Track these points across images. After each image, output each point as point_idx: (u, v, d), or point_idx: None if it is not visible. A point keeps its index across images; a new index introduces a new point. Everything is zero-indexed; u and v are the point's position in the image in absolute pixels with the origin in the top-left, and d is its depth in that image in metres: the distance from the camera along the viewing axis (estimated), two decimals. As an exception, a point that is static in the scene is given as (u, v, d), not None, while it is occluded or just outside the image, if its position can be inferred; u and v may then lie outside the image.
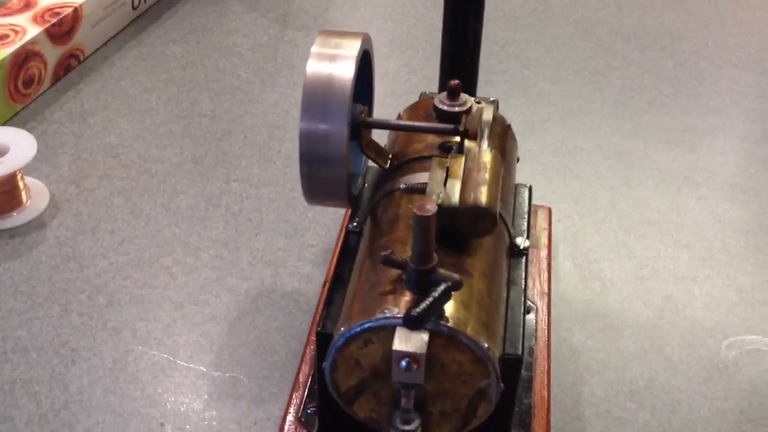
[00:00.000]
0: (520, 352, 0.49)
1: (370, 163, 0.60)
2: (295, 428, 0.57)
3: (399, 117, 0.63)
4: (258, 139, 0.88)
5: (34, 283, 0.71)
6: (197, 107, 0.92)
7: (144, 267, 0.73)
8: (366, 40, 0.56)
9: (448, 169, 0.51)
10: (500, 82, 0.99)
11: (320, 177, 0.54)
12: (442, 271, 0.45)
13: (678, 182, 0.84)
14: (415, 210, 0.42)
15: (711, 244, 0.77)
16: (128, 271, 0.72)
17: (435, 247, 0.45)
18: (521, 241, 0.57)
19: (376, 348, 0.45)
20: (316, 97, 0.52)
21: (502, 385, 0.46)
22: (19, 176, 0.77)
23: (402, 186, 0.54)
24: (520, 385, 0.58)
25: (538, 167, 0.86)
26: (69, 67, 0.96)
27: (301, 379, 0.60)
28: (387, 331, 0.45)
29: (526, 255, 0.56)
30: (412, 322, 0.42)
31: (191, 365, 0.64)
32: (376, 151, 0.58)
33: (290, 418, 0.58)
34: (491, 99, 0.70)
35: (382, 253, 0.46)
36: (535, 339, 0.63)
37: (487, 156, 0.52)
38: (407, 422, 0.44)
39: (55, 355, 0.65)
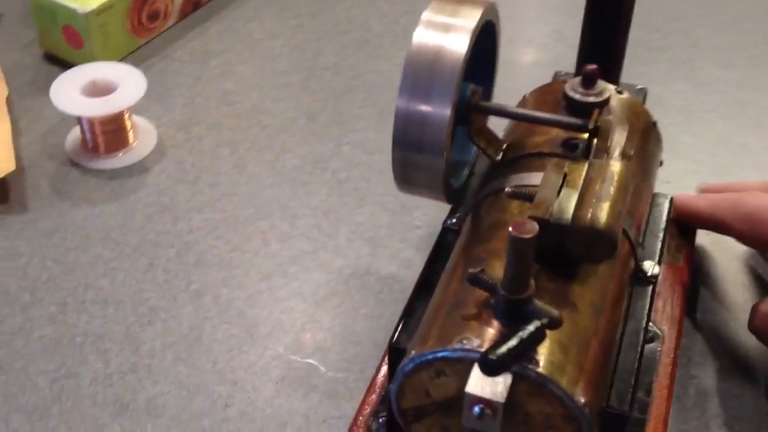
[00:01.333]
0: (627, 407, 0.41)
1: (483, 151, 0.53)
2: (364, 435, 0.51)
3: (523, 100, 0.54)
4: (379, 100, 0.82)
5: (126, 231, 0.68)
6: (321, 59, 0.87)
7: (238, 228, 0.69)
8: (489, 10, 0.48)
9: (565, 175, 0.43)
10: (660, 61, 0.87)
11: (414, 164, 0.48)
12: (538, 303, 0.37)
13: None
14: (510, 229, 0.35)
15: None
16: (222, 230, 0.68)
17: (534, 273, 0.38)
18: (649, 267, 0.48)
19: (449, 381, 0.38)
20: (420, 72, 0.45)
21: None
22: (126, 116, 0.74)
23: (510, 187, 0.46)
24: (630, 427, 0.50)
25: (691, 165, 0.75)
26: (198, 3, 0.93)
27: (380, 380, 0.54)
28: (464, 366, 0.38)
29: (654, 283, 0.48)
30: (488, 367, 0.35)
31: (268, 344, 0.60)
32: (488, 140, 0.50)
33: (361, 421, 0.52)
34: (639, 87, 0.61)
35: (470, 270, 0.39)
36: (656, 374, 0.54)
37: (615, 164, 0.43)
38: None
39: (133, 312, 0.62)
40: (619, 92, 0.52)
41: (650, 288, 0.47)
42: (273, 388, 0.57)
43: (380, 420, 0.51)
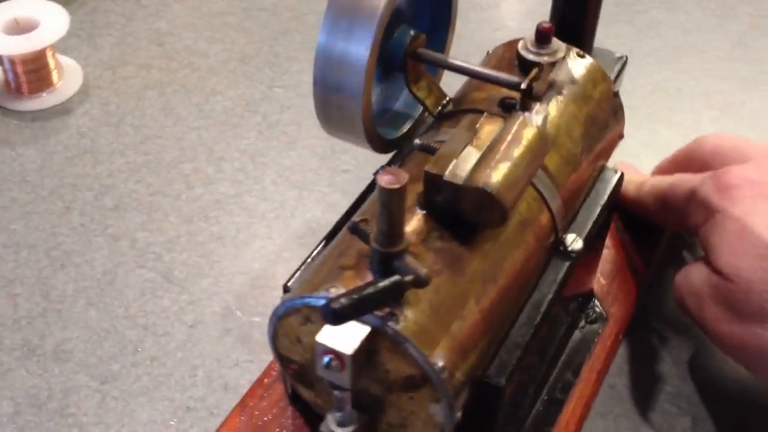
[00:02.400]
0: (503, 380, 0.39)
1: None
2: (274, 380, 0.50)
3: (487, 56, 0.51)
4: (315, 43, 0.79)
5: (44, 174, 0.66)
6: (258, 0, 0.84)
7: (161, 171, 0.67)
8: None
9: (476, 132, 0.41)
10: (605, 4, 0.85)
11: (334, 105, 0.45)
12: (410, 259, 0.35)
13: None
14: (378, 178, 0.33)
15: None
16: (144, 173, 0.66)
17: (425, 229, 0.37)
18: (571, 240, 0.45)
19: (316, 329, 0.37)
20: (343, 8, 0.43)
21: (458, 415, 0.37)
22: (49, 55, 0.71)
23: (420, 140, 0.44)
24: (548, 410, 0.49)
25: (626, 110, 0.73)
26: (134, -60, 0.89)
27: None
28: (324, 314, 0.36)
29: (573, 258, 0.45)
30: (329, 315, 0.33)
31: (183, 289, 0.58)
32: (428, 91, 0.47)
33: (277, 368, 0.51)
34: (618, 55, 0.57)
35: (352, 219, 0.37)
36: (589, 355, 0.52)
37: (530, 129, 0.40)
38: (340, 424, 0.37)
39: (46, 256, 0.60)
40: (581, 56, 0.49)
41: (568, 263, 0.44)
42: (186, 333, 0.56)
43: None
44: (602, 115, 0.49)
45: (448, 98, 0.48)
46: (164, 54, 0.77)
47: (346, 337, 0.35)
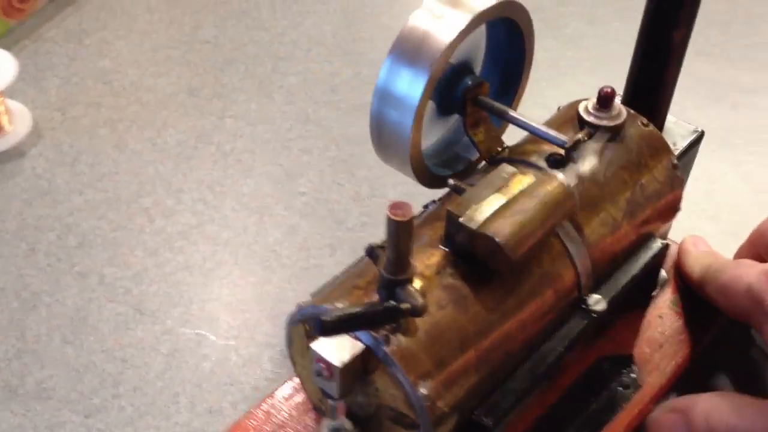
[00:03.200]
0: (491, 421, 0.41)
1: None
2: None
3: (557, 111, 0.53)
4: (259, 71, 0.82)
5: (4, 218, 0.67)
6: (200, 32, 0.86)
7: (121, 207, 0.68)
8: (506, 6, 0.46)
9: (507, 182, 0.43)
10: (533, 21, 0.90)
11: (386, 137, 0.46)
12: (411, 289, 0.38)
13: (713, 144, 0.76)
14: (387, 208, 0.35)
15: (744, 218, 0.69)
16: (104, 210, 0.68)
17: (442, 263, 0.40)
18: (594, 301, 0.46)
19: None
20: (405, 50, 0.44)
21: None
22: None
23: (454, 180, 0.45)
24: None
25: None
26: (69, -19, 0.90)
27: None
28: (326, 327, 0.39)
29: (593, 319, 0.45)
30: (318, 326, 0.35)
31: (156, 319, 0.60)
32: (485, 137, 0.48)
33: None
34: (695, 129, 0.57)
35: (371, 243, 0.39)
36: (613, 418, 0.49)
37: (555, 186, 0.42)
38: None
39: (16, 298, 0.61)
40: (644, 124, 0.50)
41: (585, 321, 0.45)
42: (164, 361, 0.58)
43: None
44: (656, 185, 0.49)
45: (504, 146, 0.49)
46: (111, 91, 0.79)
47: (339, 350, 0.37)
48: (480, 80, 0.48)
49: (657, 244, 0.50)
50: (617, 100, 0.49)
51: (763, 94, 0.82)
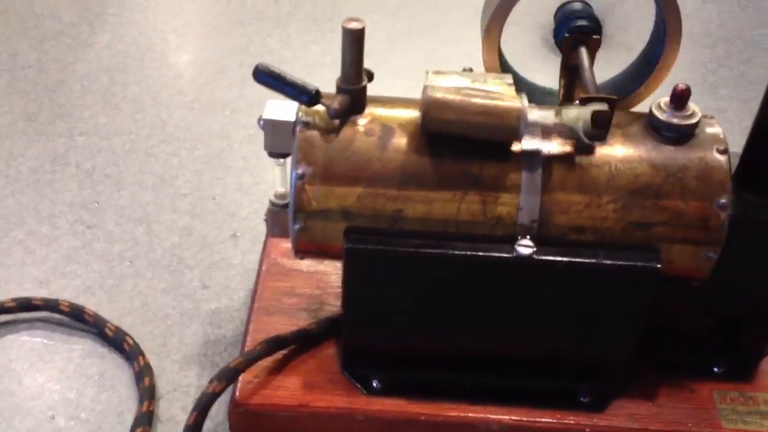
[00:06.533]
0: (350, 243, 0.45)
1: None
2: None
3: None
4: (97, 86, 0.78)
5: None
6: (19, 58, 0.81)
7: (-8, 244, 0.62)
8: None
9: (486, 80, 0.46)
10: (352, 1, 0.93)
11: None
12: (344, 99, 0.44)
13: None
14: (342, 23, 0.43)
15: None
16: (-26, 251, 0.62)
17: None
18: (522, 245, 0.45)
19: None
20: None
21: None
22: None
23: None
24: None
25: (410, 83, 0.81)
26: None
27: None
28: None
29: (511, 257, 0.45)
30: (255, 70, 0.44)
31: (73, 346, 0.56)
32: (572, 82, 0.51)
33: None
34: None
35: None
36: None
37: (503, 85, 0.45)
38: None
39: None
40: (721, 151, 0.46)
41: (504, 255, 0.45)
42: (95, 385, 0.54)
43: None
44: (681, 206, 0.45)
45: (584, 96, 0.47)
46: (-62, 132, 0.72)
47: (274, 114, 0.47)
48: (591, 29, 0.49)
49: (648, 256, 0.45)
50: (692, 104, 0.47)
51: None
